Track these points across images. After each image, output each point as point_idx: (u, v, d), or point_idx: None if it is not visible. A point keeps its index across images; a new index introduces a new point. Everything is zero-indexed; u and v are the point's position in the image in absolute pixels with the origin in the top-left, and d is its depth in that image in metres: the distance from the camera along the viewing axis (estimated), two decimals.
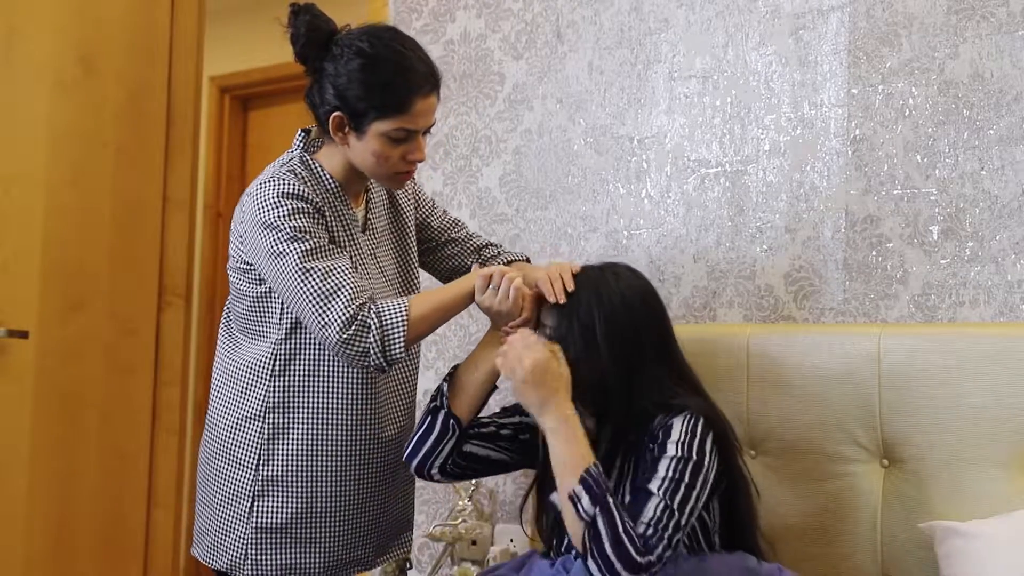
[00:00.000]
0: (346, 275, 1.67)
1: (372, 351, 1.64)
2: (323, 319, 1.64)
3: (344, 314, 1.63)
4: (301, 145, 1.82)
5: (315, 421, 1.78)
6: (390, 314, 1.66)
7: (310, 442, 1.78)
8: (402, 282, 1.91)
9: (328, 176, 1.79)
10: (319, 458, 1.79)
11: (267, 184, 1.73)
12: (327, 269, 1.66)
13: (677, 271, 2.30)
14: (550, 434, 1.56)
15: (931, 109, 2.01)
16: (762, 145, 2.20)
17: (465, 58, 2.68)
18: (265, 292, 1.77)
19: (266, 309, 1.78)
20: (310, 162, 1.80)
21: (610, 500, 1.47)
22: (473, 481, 2.51)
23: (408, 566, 2.28)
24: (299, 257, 1.66)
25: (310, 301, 1.65)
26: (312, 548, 1.79)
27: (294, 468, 1.78)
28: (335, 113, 1.71)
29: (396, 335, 1.65)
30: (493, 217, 2.59)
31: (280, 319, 1.77)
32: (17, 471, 2.58)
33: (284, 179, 1.73)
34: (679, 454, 1.53)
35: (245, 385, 1.81)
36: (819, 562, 1.87)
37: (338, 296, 1.64)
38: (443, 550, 2.40)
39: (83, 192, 2.71)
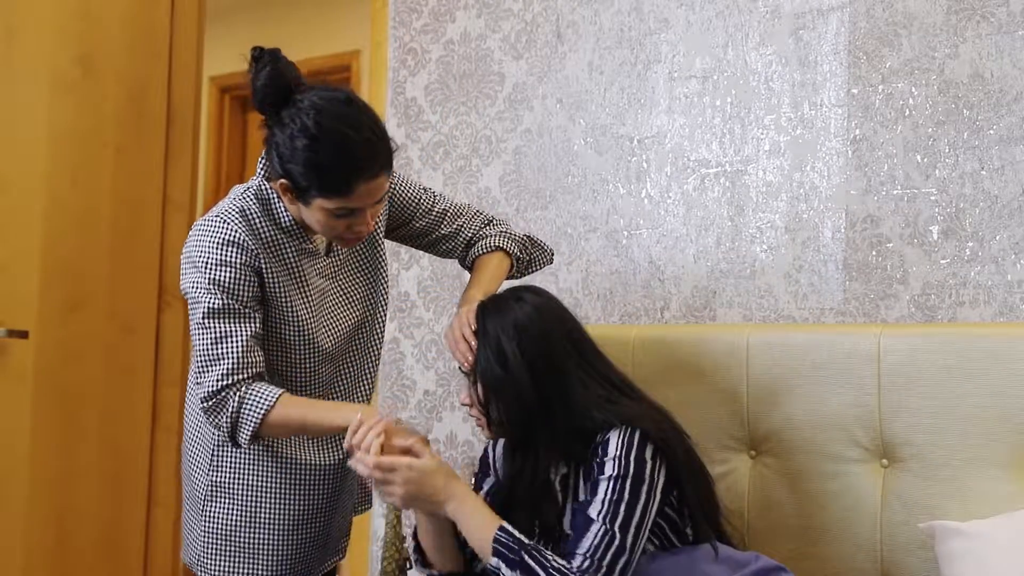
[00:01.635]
0: (237, 345, 1.66)
1: (223, 428, 1.66)
2: (198, 379, 1.68)
3: (213, 386, 1.65)
4: (263, 173, 1.76)
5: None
6: (251, 405, 1.64)
7: (255, 453, 1.79)
8: (367, 303, 1.87)
9: (283, 211, 1.74)
10: (263, 470, 1.79)
11: (209, 223, 1.71)
12: (222, 334, 1.67)
13: (677, 271, 2.30)
14: (455, 517, 1.58)
15: (931, 109, 2.01)
16: (762, 145, 2.20)
17: (465, 58, 2.68)
18: None
19: None
20: (267, 195, 1.74)
21: (526, 557, 1.49)
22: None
23: (408, 566, 2.28)
24: (203, 312, 1.67)
25: (196, 357, 1.69)
26: (256, 558, 1.80)
27: (238, 476, 1.79)
28: (281, 180, 1.66)
29: (246, 427, 1.65)
30: None
31: None
32: (17, 471, 2.58)
33: (226, 221, 1.70)
34: (616, 472, 1.54)
35: None
36: (819, 562, 1.86)
37: (216, 365, 1.65)
38: None
39: (83, 192, 2.70)
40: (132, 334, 2.82)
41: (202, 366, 1.67)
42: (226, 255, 1.69)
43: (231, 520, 1.79)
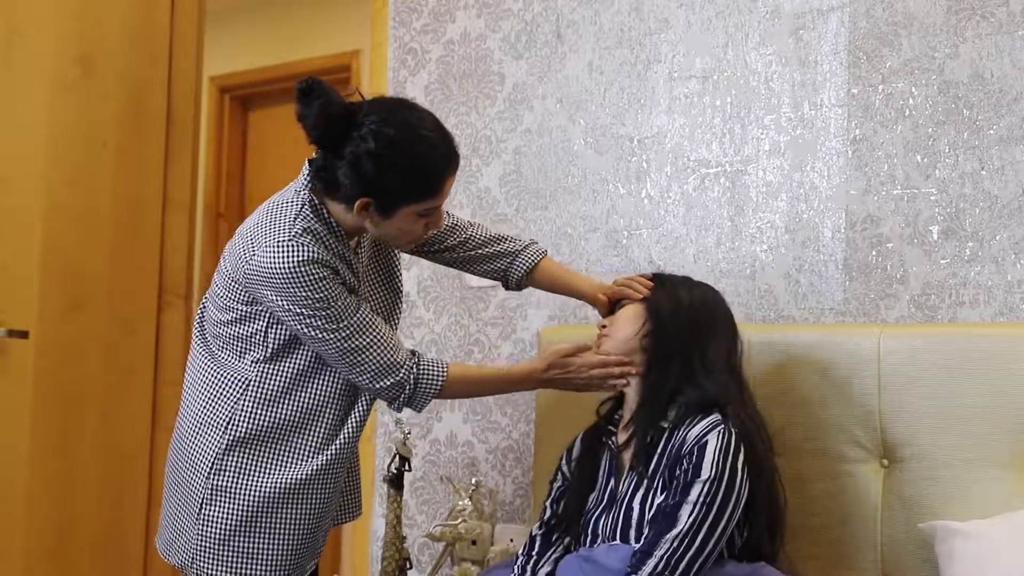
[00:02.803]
0: (383, 344, 1.75)
1: (397, 404, 1.81)
2: (374, 385, 1.77)
3: (386, 379, 1.76)
4: (309, 185, 1.74)
5: (274, 444, 1.78)
6: (426, 381, 1.79)
7: (264, 461, 1.78)
8: (386, 308, 1.90)
9: (336, 224, 1.75)
10: (266, 477, 1.78)
11: (284, 250, 1.68)
12: (365, 345, 1.73)
13: (677, 271, 2.29)
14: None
15: (931, 109, 2.01)
16: (762, 145, 2.20)
17: (465, 58, 2.68)
18: (253, 312, 1.76)
19: (250, 327, 1.77)
20: (320, 209, 1.74)
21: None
22: (473, 480, 2.51)
23: (408, 566, 2.28)
24: (337, 338, 1.71)
25: (363, 376, 1.75)
26: (254, 561, 1.79)
27: (242, 482, 1.78)
28: (361, 199, 1.68)
29: (424, 398, 1.81)
30: (493, 217, 2.59)
31: (264, 340, 1.77)
32: (17, 471, 2.57)
33: (302, 244, 1.68)
34: (712, 475, 1.57)
35: (213, 394, 1.80)
36: (819, 562, 1.87)
37: (391, 373, 1.76)
38: (443, 550, 2.40)
39: (83, 192, 2.70)
40: (132, 334, 2.82)
41: (374, 379, 1.75)
42: (314, 273, 1.69)
43: (229, 524, 1.78)
